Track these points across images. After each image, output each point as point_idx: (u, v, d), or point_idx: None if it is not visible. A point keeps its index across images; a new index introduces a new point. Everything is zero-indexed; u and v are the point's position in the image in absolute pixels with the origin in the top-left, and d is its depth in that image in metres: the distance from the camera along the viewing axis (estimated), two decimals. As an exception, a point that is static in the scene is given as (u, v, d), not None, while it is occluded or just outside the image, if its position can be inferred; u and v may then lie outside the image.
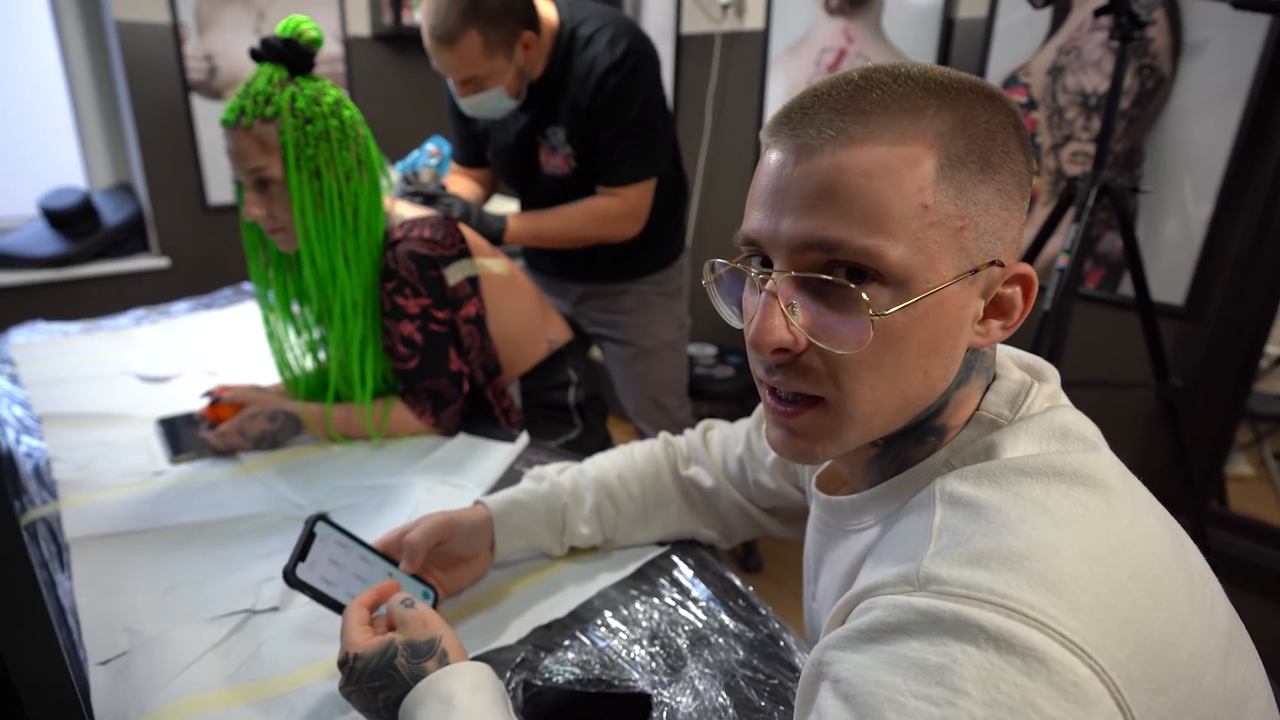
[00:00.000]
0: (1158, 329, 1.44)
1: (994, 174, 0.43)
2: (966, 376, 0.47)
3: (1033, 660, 0.34)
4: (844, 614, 0.44)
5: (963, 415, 0.48)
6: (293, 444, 1.12)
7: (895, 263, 0.41)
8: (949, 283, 0.42)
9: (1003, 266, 0.44)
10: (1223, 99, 1.50)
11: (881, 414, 0.45)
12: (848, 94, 0.43)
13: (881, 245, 0.41)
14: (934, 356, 0.44)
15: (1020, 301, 0.45)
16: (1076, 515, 0.40)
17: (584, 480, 0.84)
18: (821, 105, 0.43)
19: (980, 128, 0.43)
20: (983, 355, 0.48)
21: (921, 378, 0.44)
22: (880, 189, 0.41)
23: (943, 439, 0.48)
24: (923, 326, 0.43)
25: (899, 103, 0.42)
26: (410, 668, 0.55)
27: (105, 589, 0.77)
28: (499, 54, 1.31)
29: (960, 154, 0.42)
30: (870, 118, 0.42)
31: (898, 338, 0.42)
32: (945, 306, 0.43)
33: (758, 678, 0.66)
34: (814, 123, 0.42)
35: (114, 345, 1.50)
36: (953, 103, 0.42)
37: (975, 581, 0.37)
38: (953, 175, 0.42)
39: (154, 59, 2.23)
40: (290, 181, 1.01)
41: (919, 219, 0.41)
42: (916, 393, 0.45)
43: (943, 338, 0.44)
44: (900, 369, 0.44)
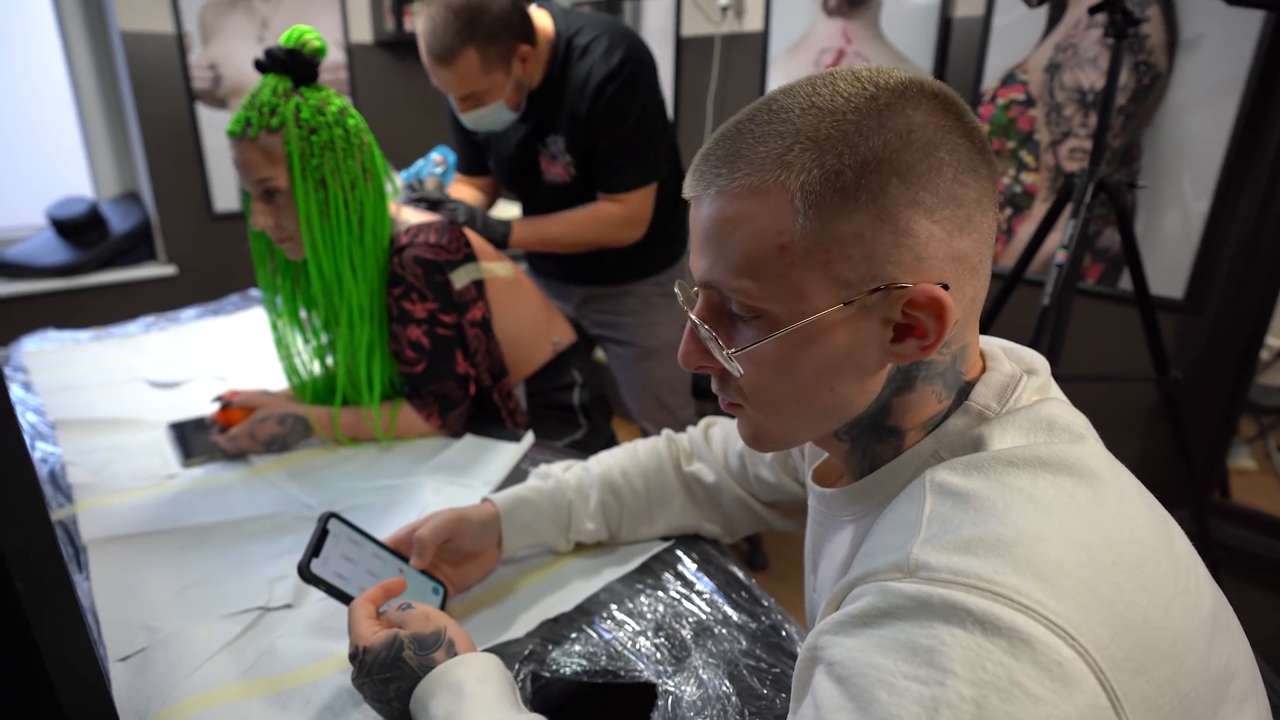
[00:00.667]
0: (1157, 322, 1.45)
1: (871, 201, 0.42)
2: (907, 385, 0.48)
3: (1018, 641, 0.35)
4: (838, 600, 0.45)
5: (917, 417, 0.49)
6: (302, 447, 1.14)
7: (763, 301, 0.45)
8: (819, 314, 0.44)
9: (899, 289, 0.44)
10: (1219, 93, 1.51)
11: (800, 422, 0.50)
12: (727, 140, 0.46)
13: (747, 287, 0.45)
14: (837, 376, 0.47)
15: (934, 324, 0.44)
16: (1062, 503, 0.41)
17: (589, 477, 0.85)
18: (709, 153, 0.46)
19: (844, 157, 0.42)
20: (929, 364, 0.48)
21: (829, 395, 0.48)
22: (744, 236, 0.44)
23: (903, 438, 0.50)
24: (810, 353, 0.46)
25: (763, 145, 0.44)
26: (418, 659, 0.57)
27: (123, 588, 0.79)
28: (497, 69, 1.32)
29: (817, 190, 0.42)
30: (735, 165, 0.44)
31: (784, 365, 0.47)
32: (830, 334, 0.45)
33: (760, 666, 0.68)
34: (700, 172, 0.46)
35: (124, 352, 1.52)
36: (817, 133, 0.43)
37: (963, 568, 0.38)
38: (811, 212, 0.43)
39: (159, 69, 2.26)
40: (296, 191, 1.03)
41: (779, 260, 0.44)
42: (831, 406, 0.48)
43: (841, 360, 0.46)
44: (800, 389, 0.48)
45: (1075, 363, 1.77)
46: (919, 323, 0.45)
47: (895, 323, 0.45)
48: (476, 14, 1.25)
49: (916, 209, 0.43)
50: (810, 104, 0.44)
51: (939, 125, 0.44)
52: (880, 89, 0.44)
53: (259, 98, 1.02)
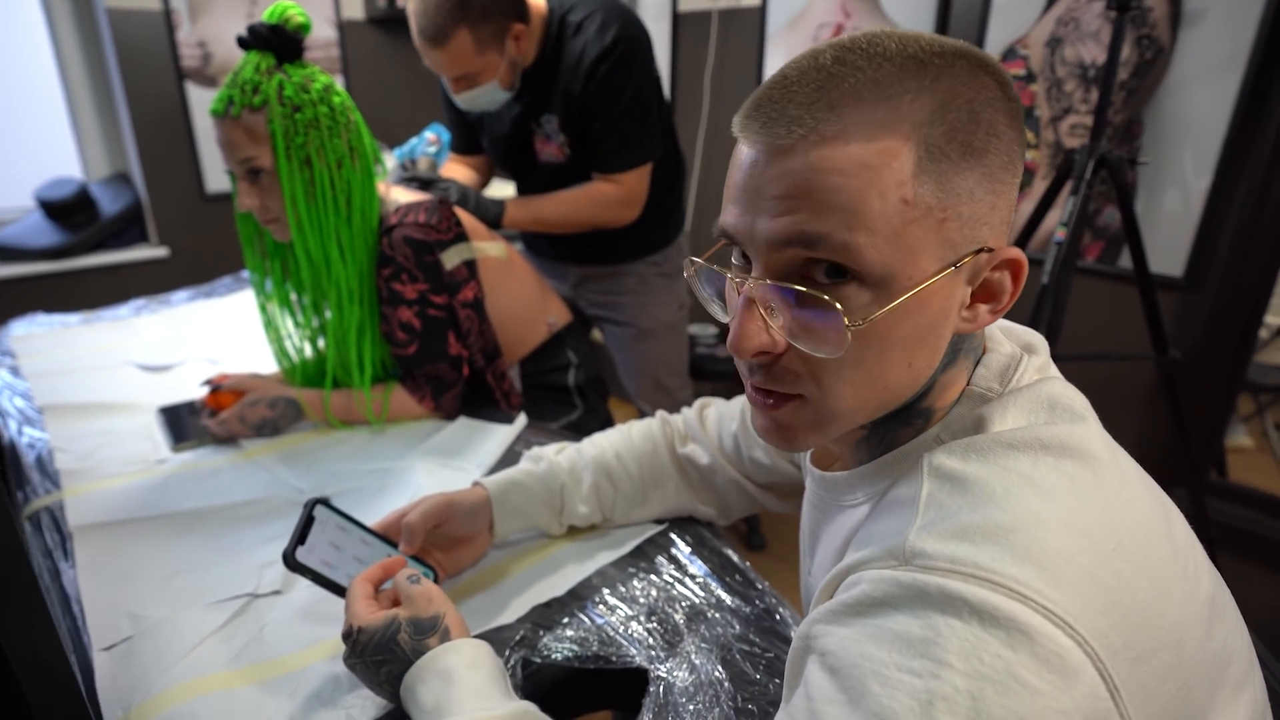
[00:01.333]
0: (1156, 301, 1.44)
1: (978, 159, 0.41)
2: (953, 359, 0.47)
3: (1016, 633, 0.35)
4: (832, 588, 0.44)
5: (950, 396, 0.48)
6: (293, 430, 1.13)
7: (875, 261, 0.40)
8: (932, 278, 0.41)
9: (990, 252, 0.43)
10: (1222, 69, 1.48)
11: (865, 408, 0.45)
12: (818, 83, 0.41)
13: (861, 243, 0.40)
14: (919, 349, 0.44)
15: (1009, 285, 0.44)
16: (1062, 487, 0.40)
17: (582, 460, 0.84)
18: (791, 97, 0.41)
19: (963, 110, 0.40)
20: (970, 336, 0.47)
21: (906, 370, 0.44)
22: (858, 187, 0.39)
23: (929, 420, 0.48)
24: (906, 324, 0.42)
25: (872, 91, 0.40)
26: (412, 644, 0.56)
27: (109, 576, 0.78)
28: (490, 49, 1.30)
29: (940, 143, 0.40)
30: (842, 110, 0.40)
31: (881, 337, 0.42)
32: (930, 300, 0.42)
33: (754, 651, 0.67)
34: (784, 118, 0.41)
35: (114, 335, 1.51)
36: (932, 84, 0.40)
37: (960, 556, 0.37)
38: (933, 167, 0.40)
39: (146, 47, 2.22)
40: (280, 170, 1.00)
41: (899, 215, 0.40)
42: (901, 385, 0.45)
43: (928, 331, 0.43)
44: (883, 365, 0.43)
45: (1074, 341, 1.75)
46: (994, 286, 0.44)
47: (972, 288, 0.44)
48: None
49: (1007, 171, 0.43)
50: (905, 53, 0.41)
51: (1008, 92, 0.43)
52: (960, 49, 0.42)
53: (241, 75, 0.99)
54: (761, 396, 0.46)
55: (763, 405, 0.46)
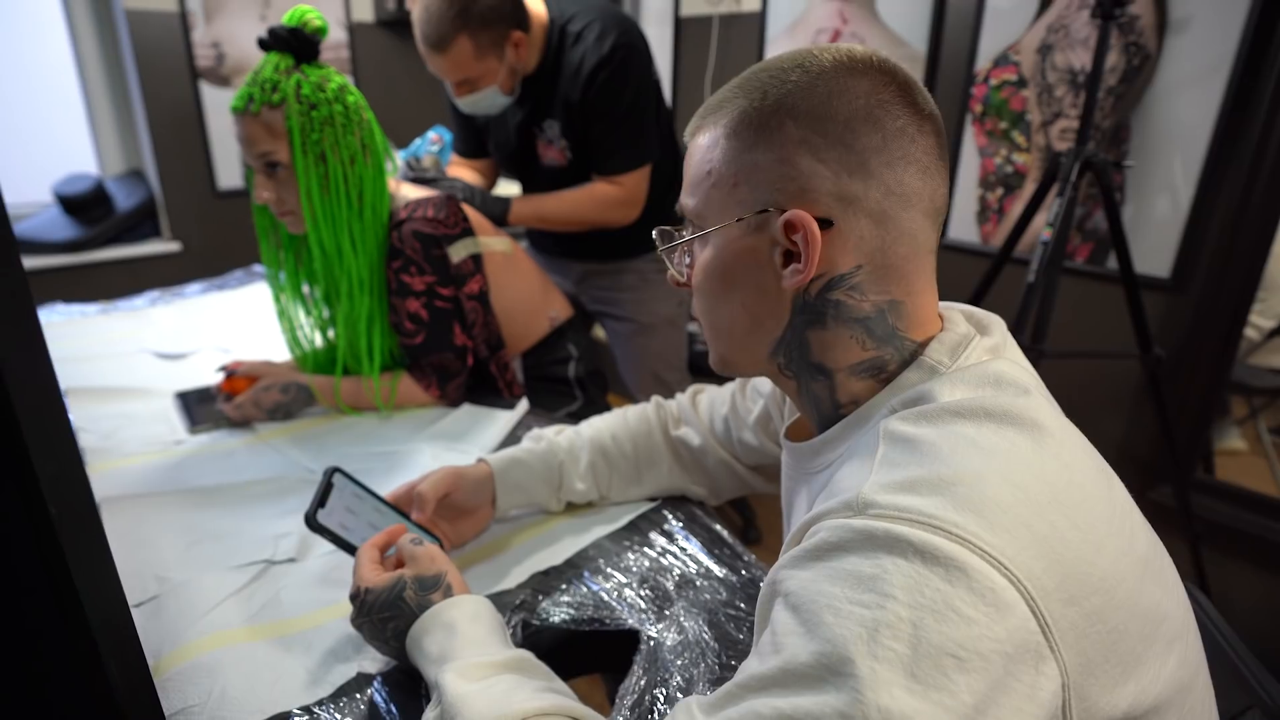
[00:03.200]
0: (1140, 300, 1.48)
1: (768, 138, 0.51)
2: (819, 320, 0.53)
3: (954, 569, 0.39)
4: (798, 538, 0.49)
5: (841, 358, 0.53)
6: (305, 415, 1.18)
7: (692, 212, 0.55)
8: (722, 225, 0.53)
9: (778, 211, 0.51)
10: (1207, 75, 1.52)
11: (730, 336, 0.57)
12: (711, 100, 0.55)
13: (687, 204, 0.56)
14: (744, 293, 0.54)
15: (803, 246, 0.50)
16: (1003, 449, 0.45)
17: (580, 440, 0.89)
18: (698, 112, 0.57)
19: (764, 101, 0.51)
20: (843, 306, 0.52)
21: (743, 312, 0.55)
22: (691, 164, 0.55)
23: (833, 378, 0.54)
24: (717, 264, 0.54)
25: (723, 96, 0.54)
26: (418, 599, 0.61)
27: (135, 541, 0.83)
28: (490, 56, 1.35)
29: (738, 127, 0.52)
30: (707, 115, 0.55)
31: (705, 270, 0.56)
32: (730, 247, 0.53)
33: (739, 615, 0.72)
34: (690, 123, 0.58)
35: (131, 325, 1.56)
36: (750, 89, 0.52)
37: (907, 505, 0.42)
38: (728, 145, 0.52)
39: (163, 47, 2.28)
40: (296, 165, 1.06)
41: (705, 181, 0.54)
42: (747, 324, 0.55)
43: (742, 276, 0.54)
44: (717, 301, 0.56)
45: (1064, 340, 1.79)
46: (796, 249, 0.51)
47: (783, 249, 0.51)
48: (470, 1, 1.28)
49: (803, 148, 0.50)
50: (766, 64, 0.53)
51: (845, 83, 0.50)
52: (817, 57, 0.51)
53: (261, 74, 1.05)
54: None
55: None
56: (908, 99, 0.50)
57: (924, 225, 0.52)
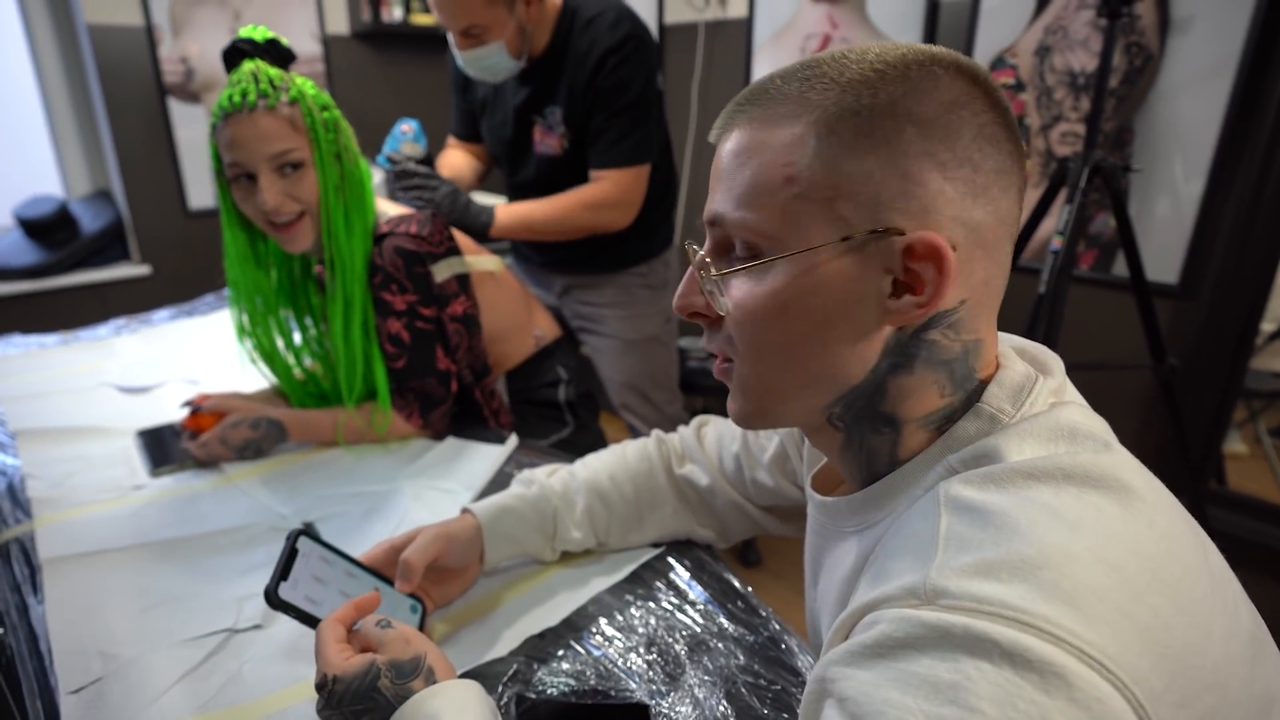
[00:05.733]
0: (1153, 309, 1.42)
1: (882, 144, 0.41)
2: (906, 364, 0.45)
3: (1051, 676, 0.32)
4: (847, 628, 0.41)
5: (917, 408, 0.45)
6: (276, 452, 1.09)
7: (761, 234, 0.44)
8: (817, 247, 0.42)
9: (900, 234, 0.41)
10: (1212, 75, 1.48)
11: (788, 382, 0.47)
12: (758, 84, 0.45)
13: (747, 217, 0.44)
14: (831, 330, 0.44)
15: (933, 275, 0.41)
16: (1089, 519, 0.38)
17: (574, 482, 0.81)
18: (737, 97, 0.47)
19: (874, 99, 0.42)
20: (935, 346, 0.44)
21: (821, 353, 0.45)
22: (751, 165, 0.44)
23: (900, 432, 0.46)
24: (804, 297, 0.43)
25: (789, 85, 0.44)
26: (395, 688, 0.53)
27: (79, 611, 0.74)
28: (500, 3, 1.30)
29: (837, 126, 0.42)
30: (759, 101, 0.44)
31: (775, 305, 0.44)
32: (826, 277, 0.43)
33: (759, 684, 0.64)
34: (725, 113, 0.47)
35: (92, 356, 1.47)
36: (847, 81, 0.42)
37: (986, 594, 0.35)
38: (823, 146, 0.42)
39: (128, 63, 2.19)
40: (320, 161, 1.01)
41: (783, 190, 0.43)
42: (821, 367, 0.45)
43: (835, 311, 0.43)
44: (790, 338, 0.45)
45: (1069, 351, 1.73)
46: (918, 278, 0.42)
47: (895, 277, 0.43)
48: None
49: (929, 160, 0.41)
50: (843, 55, 0.44)
51: (964, 90, 0.43)
52: (913, 51, 0.43)
53: (265, 73, 0.99)
54: (716, 360, 0.51)
55: (716, 368, 0.51)
56: (1010, 119, 0.44)
57: (1011, 251, 0.46)
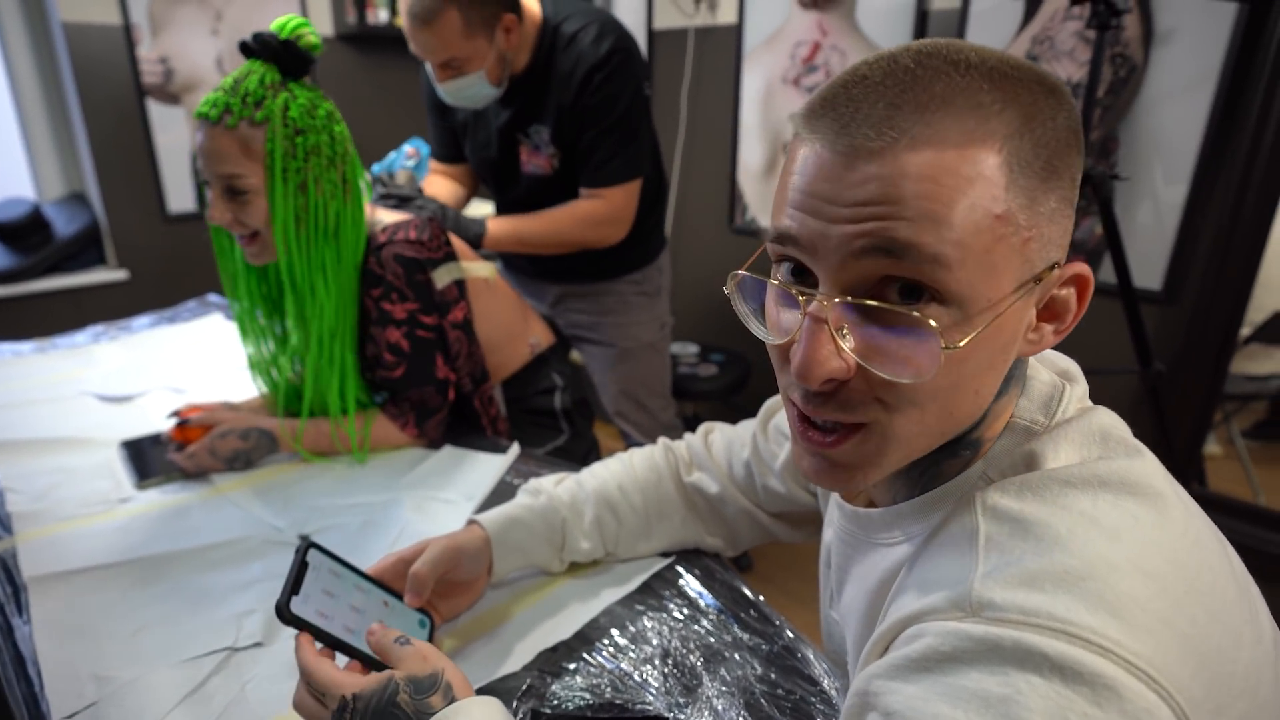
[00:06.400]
0: (1140, 315, 1.44)
1: (1058, 180, 0.38)
2: (1006, 387, 0.44)
3: (1102, 689, 0.32)
4: (887, 641, 0.41)
5: (998, 426, 0.45)
6: (267, 463, 1.06)
7: (961, 279, 0.36)
8: (1011, 299, 0.38)
9: (1060, 268, 0.40)
10: (1194, 86, 1.51)
11: (929, 438, 0.42)
12: (904, 84, 0.37)
13: (951, 256, 0.36)
14: (987, 375, 0.41)
15: (1074, 304, 0.41)
16: (1127, 527, 0.38)
17: (582, 493, 0.80)
18: (874, 97, 0.37)
19: (1045, 128, 0.38)
20: (1021, 362, 0.45)
21: (973, 398, 0.41)
22: (951, 197, 0.36)
23: (977, 452, 0.45)
24: (983, 348, 0.39)
25: (962, 98, 0.36)
26: (415, 704, 0.51)
27: (69, 632, 0.71)
28: (479, 35, 1.26)
29: (1028, 159, 0.37)
30: (933, 115, 0.36)
31: (959, 360, 0.38)
32: (1004, 322, 0.39)
33: (777, 693, 0.63)
34: (869, 119, 0.37)
35: (71, 364, 1.42)
36: (1015, 99, 0.37)
37: (1032, 605, 0.35)
38: (1022, 183, 0.37)
39: (105, 62, 2.14)
40: (275, 194, 0.94)
41: (991, 232, 0.36)
42: (966, 413, 0.42)
43: (997, 355, 0.40)
44: (955, 391, 0.40)
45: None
46: (1059, 304, 0.41)
47: (1037, 307, 0.41)
48: None
49: (1075, 189, 0.40)
50: (986, 64, 0.38)
51: (1071, 114, 0.40)
52: (1030, 67, 0.39)
53: (244, 84, 0.93)
54: (816, 432, 0.42)
55: (818, 444, 0.42)
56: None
57: None
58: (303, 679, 0.56)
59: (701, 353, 2.36)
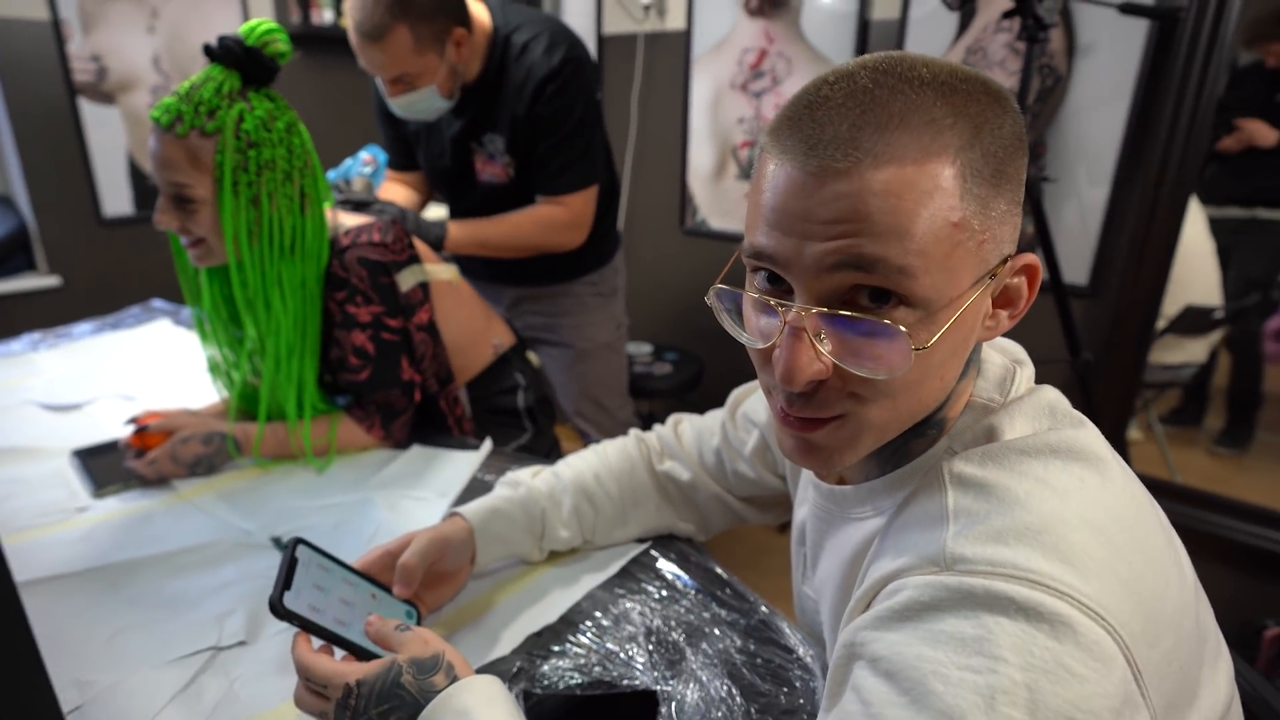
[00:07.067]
0: (1070, 309, 1.54)
1: (1007, 183, 0.43)
2: (966, 370, 0.49)
3: (1060, 625, 0.37)
4: (869, 598, 0.45)
5: (959, 406, 0.50)
6: (231, 468, 1.05)
7: (926, 285, 0.40)
8: (970, 295, 0.42)
9: (1012, 257, 0.45)
10: (1112, 95, 1.62)
11: (899, 421, 0.46)
12: (864, 104, 0.40)
13: (915, 265, 0.40)
14: (951, 363, 0.45)
15: (1026, 290, 0.46)
16: (1075, 487, 0.43)
17: (560, 483, 0.82)
18: (838, 118, 0.40)
19: (994, 137, 0.42)
20: (978, 346, 0.50)
21: (939, 385, 0.46)
22: (911, 210, 0.39)
23: (942, 430, 0.50)
24: (948, 340, 0.43)
25: (917, 115, 0.40)
26: (418, 683, 0.53)
27: (42, 639, 0.69)
28: (430, 50, 1.26)
29: (979, 167, 0.41)
30: (891, 133, 0.39)
31: (926, 354, 0.42)
32: (965, 315, 0.43)
33: (757, 662, 0.67)
34: (834, 140, 0.40)
35: (10, 372, 1.37)
36: (966, 110, 0.41)
37: (999, 558, 0.39)
38: (975, 190, 0.41)
39: (32, 59, 2.05)
40: (223, 207, 0.93)
41: (949, 239, 0.40)
42: (933, 397, 0.46)
43: (960, 344, 0.45)
44: (924, 381, 0.44)
45: (994, 349, 1.86)
46: (1012, 291, 0.46)
47: (993, 295, 0.46)
48: None
49: (1021, 188, 0.44)
50: (938, 79, 0.41)
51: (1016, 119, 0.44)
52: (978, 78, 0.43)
53: (200, 93, 0.91)
54: (800, 421, 0.46)
55: (799, 428, 0.46)
56: None
57: None
58: (301, 675, 0.57)
59: (655, 352, 2.40)
